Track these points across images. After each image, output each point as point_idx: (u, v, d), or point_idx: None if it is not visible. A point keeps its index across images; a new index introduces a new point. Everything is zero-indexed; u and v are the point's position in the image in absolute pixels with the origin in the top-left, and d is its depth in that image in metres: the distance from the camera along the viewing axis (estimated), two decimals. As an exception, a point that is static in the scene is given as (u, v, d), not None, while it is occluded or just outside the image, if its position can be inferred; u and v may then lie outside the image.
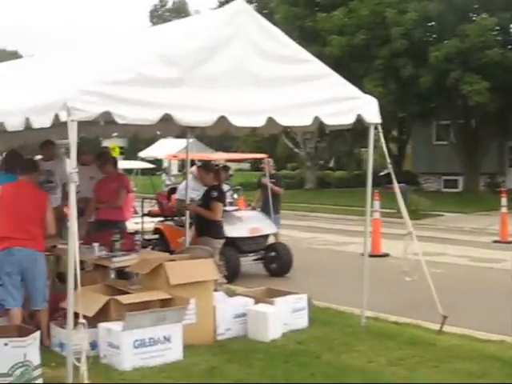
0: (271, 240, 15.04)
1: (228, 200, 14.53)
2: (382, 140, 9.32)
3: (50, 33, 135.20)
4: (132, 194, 14.63)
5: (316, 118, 8.86)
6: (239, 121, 8.16)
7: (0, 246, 8.25)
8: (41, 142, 12.11)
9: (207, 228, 10.51)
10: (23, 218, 8.24)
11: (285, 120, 8.59)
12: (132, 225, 13.59)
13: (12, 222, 8.25)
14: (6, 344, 6.87)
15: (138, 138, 37.21)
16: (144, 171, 25.86)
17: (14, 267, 8.19)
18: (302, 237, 21.32)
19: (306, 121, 8.77)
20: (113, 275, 9.82)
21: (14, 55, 69.24)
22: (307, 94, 8.76)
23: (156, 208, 17.25)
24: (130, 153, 38.10)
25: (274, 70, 8.56)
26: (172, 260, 9.08)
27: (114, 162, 11.58)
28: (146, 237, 14.82)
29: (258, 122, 8.36)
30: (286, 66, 8.69)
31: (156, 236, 15.39)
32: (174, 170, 37.85)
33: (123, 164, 18.53)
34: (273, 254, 14.61)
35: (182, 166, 29.38)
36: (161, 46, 7.90)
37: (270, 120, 8.39)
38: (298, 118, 8.70)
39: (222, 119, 8.04)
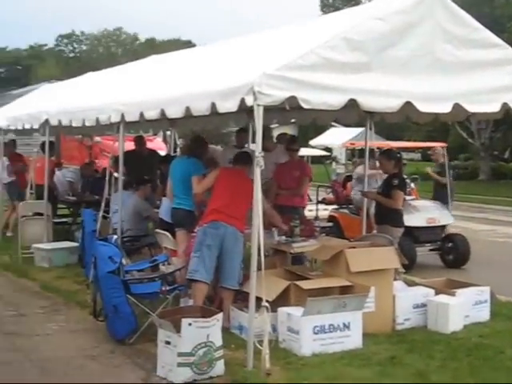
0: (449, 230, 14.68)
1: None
2: None
3: (217, 23, 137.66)
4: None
5: (504, 105, 8.52)
6: (425, 107, 7.98)
7: (208, 218, 8.55)
8: (237, 130, 12.33)
9: (387, 216, 10.34)
10: (236, 198, 8.50)
11: (472, 107, 8.33)
12: (306, 212, 13.59)
13: (226, 198, 8.58)
14: (190, 324, 7.02)
15: (308, 127, 37.31)
16: (314, 159, 25.86)
17: (216, 241, 8.42)
18: (478, 229, 20.65)
19: (494, 107, 8.46)
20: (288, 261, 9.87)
21: (188, 44, 71.19)
22: (496, 80, 8.44)
23: (331, 196, 17.22)
24: (300, 141, 38.30)
25: (462, 54, 8.30)
26: (352, 247, 8.99)
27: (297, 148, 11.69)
28: (321, 224, 14.80)
29: (445, 108, 8.14)
30: (475, 50, 8.40)
31: (330, 224, 15.36)
32: (343, 159, 37.73)
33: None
34: (450, 244, 14.30)
35: (352, 155, 29.21)
36: (346, 30, 7.76)
37: (456, 106, 8.15)
38: (485, 104, 8.41)
39: (406, 105, 7.87)
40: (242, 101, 7.12)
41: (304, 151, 20.87)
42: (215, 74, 8.70)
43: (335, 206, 15.93)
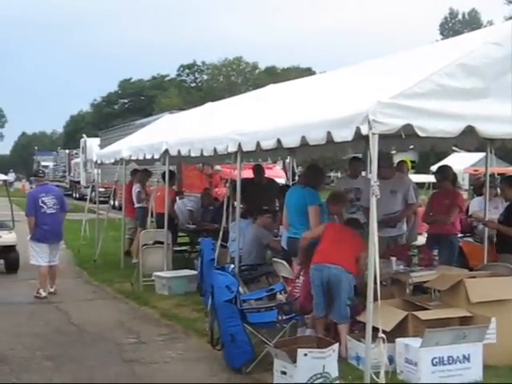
0: None
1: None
2: None
3: (337, 49, 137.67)
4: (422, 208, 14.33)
5: None
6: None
7: (314, 260, 8.82)
8: (349, 159, 12.29)
9: (509, 245, 10.06)
10: (342, 244, 8.77)
11: None
12: (422, 239, 13.34)
13: (332, 243, 8.87)
14: (305, 354, 7.01)
15: (429, 152, 36.79)
16: (435, 185, 25.41)
17: (321, 281, 8.64)
18: None
19: None
20: (408, 290, 9.69)
21: (308, 71, 71.59)
22: None
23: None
24: (421, 167, 37.78)
25: None
26: (472, 277, 8.77)
27: (453, 178, 11.59)
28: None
29: None
30: None
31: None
32: (466, 185, 37.04)
33: (414, 178, 18.34)
34: None
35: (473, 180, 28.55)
36: (462, 56, 7.63)
37: None
38: None
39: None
40: (358, 129, 7.10)
41: (421, 177, 20.60)
42: (330, 102, 8.71)
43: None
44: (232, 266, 9.72)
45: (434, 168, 33.23)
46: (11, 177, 69.93)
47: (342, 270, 8.50)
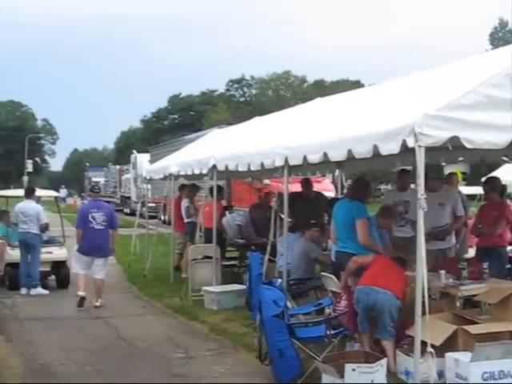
0: None
1: None
2: None
3: (386, 61, 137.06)
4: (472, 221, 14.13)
5: None
6: None
7: (361, 281, 8.83)
8: (398, 172, 12.23)
9: None
10: (390, 273, 8.74)
11: None
12: (472, 251, 13.17)
13: (380, 270, 8.83)
14: (353, 369, 6.98)
15: (481, 163, 36.29)
16: (485, 197, 25.07)
17: (366, 303, 8.61)
18: None
19: None
20: (458, 304, 9.58)
21: (357, 84, 71.43)
22: None
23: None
24: (472, 178, 37.35)
25: None
26: (523, 290, 8.63)
27: (502, 189, 11.50)
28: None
29: None
30: None
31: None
32: (518, 196, 36.47)
33: (465, 190, 18.14)
34: None
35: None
36: (509, 66, 7.53)
37: None
38: None
39: None
40: (404, 142, 7.06)
41: (473, 190, 20.33)
42: (377, 115, 8.69)
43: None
44: (279, 280, 9.70)
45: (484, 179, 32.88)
46: (63, 193, 70.98)
47: (389, 295, 8.45)
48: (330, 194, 18.66)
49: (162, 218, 28.31)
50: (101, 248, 13.89)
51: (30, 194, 16.02)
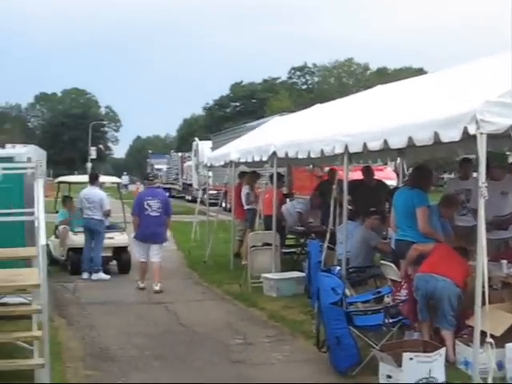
0: None
1: None
2: None
3: (448, 48, 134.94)
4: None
5: None
6: None
7: (421, 269, 8.75)
8: (460, 160, 12.07)
9: None
10: (451, 261, 8.64)
11: None
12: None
13: (442, 257, 8.75)
14: (411, 358, 6.92)
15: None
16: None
17: (425, 290, 8.53)
18: None
19: None
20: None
21: (420, 72, 70.52)
22: None
23: None
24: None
25: None
26: None
27: None
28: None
29: None
30: None
31: None
32: None
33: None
34: None
35: None
36: None
37: None
38: None
39: None
40: (465, 129, 6.96)
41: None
42: (437, 102, 8.57)
43: None
44: (338, 268, 9.66)
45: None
46: (125, 180, 71.65)
47: (449, 283, 8.35)
48: (391, 182, 18.50)
49: (223, 204, 28.41)
50: (156, 235, 14.17)
51: (94, 180, 16.25)
